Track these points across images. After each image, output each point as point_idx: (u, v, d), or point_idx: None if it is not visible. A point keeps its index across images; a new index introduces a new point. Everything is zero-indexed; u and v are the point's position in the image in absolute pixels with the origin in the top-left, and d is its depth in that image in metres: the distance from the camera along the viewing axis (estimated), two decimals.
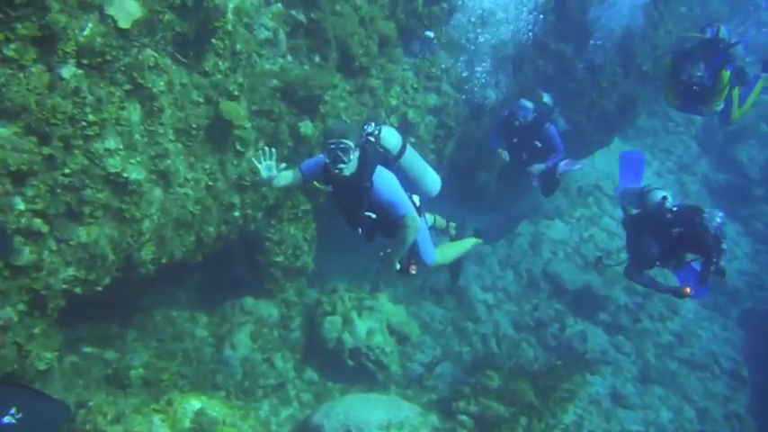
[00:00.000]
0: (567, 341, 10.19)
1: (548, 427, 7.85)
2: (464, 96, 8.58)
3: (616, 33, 9.68)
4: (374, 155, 4.54)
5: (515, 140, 7.76)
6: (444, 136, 8.66)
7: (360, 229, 4.82)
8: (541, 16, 8.66)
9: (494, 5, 8.11)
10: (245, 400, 6.88)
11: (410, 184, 4.99)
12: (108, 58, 4.74)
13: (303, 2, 6.53)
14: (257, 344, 7.48)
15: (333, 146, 4.30)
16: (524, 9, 8.39)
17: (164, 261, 5.92)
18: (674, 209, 6.12)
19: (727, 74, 6.60)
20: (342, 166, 4.34)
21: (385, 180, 4.50)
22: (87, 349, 6.12)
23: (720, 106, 6.84)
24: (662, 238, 6.08)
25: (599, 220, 12.64)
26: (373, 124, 4.75)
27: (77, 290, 5.02)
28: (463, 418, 7.55)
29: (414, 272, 4.99)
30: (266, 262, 7.87)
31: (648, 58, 10.58)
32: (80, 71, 4.57)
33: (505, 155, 7.91)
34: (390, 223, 4.63)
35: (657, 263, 6.31)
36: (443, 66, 8.20)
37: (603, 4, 9.50)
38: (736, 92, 7.03)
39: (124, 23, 4.67)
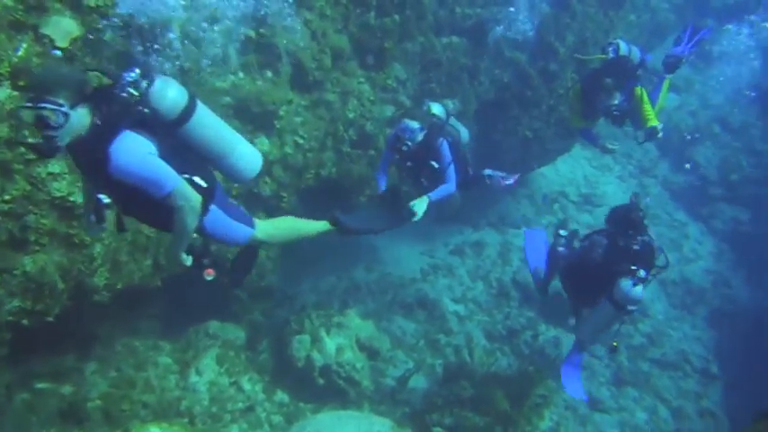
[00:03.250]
0: (541, 348, 10.18)
1: None
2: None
3: (569, 40, 9.84)
4: (118, 114, 3.20)
5: (409, 164, 6.65)
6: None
7: (92, 217, 3.43)
8: None
9: None
10: (212, 425, 6.68)
11: (208, 161, 3.76)
12: None
13: (252, 17, 6.49)
14: (224, 368, 7.29)
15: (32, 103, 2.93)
16: None
17: (119, 287, 5.75)
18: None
19: (639, 90, 6.55)
20: (51, 133, 2.96)
21: (128, 148, 3.15)
22: (41, 385, 5.86)
23: (654, 122, 6.59)
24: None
25: (566, 227, 12.72)
26: (137, 70, 3.36)
27: (24, 322, 4.83)
28: (437, 429, 7.44)
29: (210, 277, 3.86)
30: (230, 283, 7.70)
31: None
32: (15, 93, 4.44)
33: (382, 184, 6.75)
34: (152, 207, 3.39)
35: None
36: (399, 77, 8.22)
37: None
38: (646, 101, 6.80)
39: (62, 42, 4.56)
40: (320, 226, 4.54)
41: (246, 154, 3.83)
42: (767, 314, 11.93)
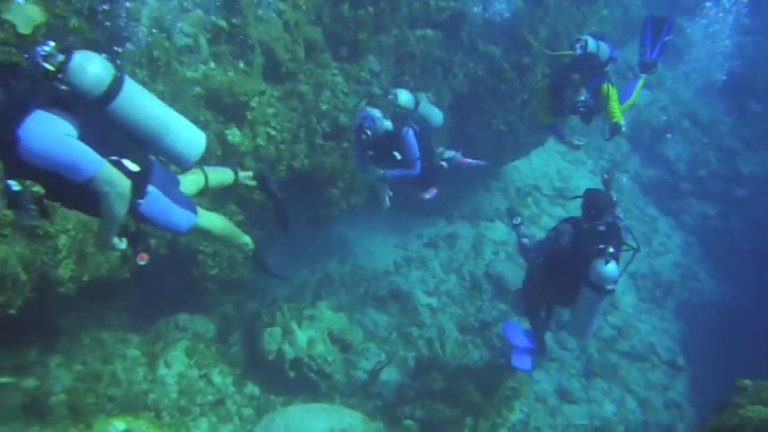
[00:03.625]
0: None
1: (494, 426, 7.86)
2: None
3: (542, 34, 9.89)
4: (29, 92, 2.92)
5: (371, 154, 6.52)
6: None
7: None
8: None
9: None
10: (180, 418, 6.62)
11: (141, 143, 3.47)
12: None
13: (224, 7, 6.40)
14: (193, 360, 7.23)
15: None
16: None
17: (85, 279, 5.65)
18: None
19: (606, 86, 6.59)
20: None
21: (40, 129, 2.87)
22: (2, 379, 5.74)
23: (620, 118, 6.62)
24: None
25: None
26: (51, 43, 3.09)
27: None
28: (409, 422, 7.48)
29: (143, 261, 3.61)
30: (200, 276, 7.64)
31: None
32: None
33: (379, 172, 6.59)
34: (76, 192, 3.12)
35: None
36: (373, 69, 8.18)
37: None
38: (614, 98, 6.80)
39: (25, 29, 4.44)
40: (245, 239, 4.34)
41: (184, 135, 3.56)
42: (733, 306, 12.22)
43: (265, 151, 7.19)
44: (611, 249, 5.30)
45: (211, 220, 3.96)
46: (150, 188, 3.40)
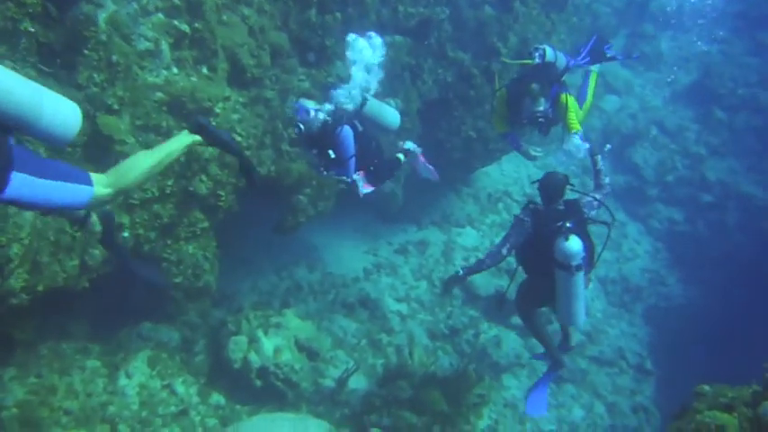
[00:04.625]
0: (482, 346, 10.27)
1: None
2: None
3: (512, 41, 9.93)
4: None
5: (314, 152, 6.19)
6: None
7: None
8: None
9: None
10: (142, 430, 6.48)
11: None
12: None
13: (187, 11, 6.29)
14: (156, 370, 7.08)
15: None
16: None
17: (40, 289, 5.48)
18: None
19: (565, 96, 6.49)
20: None
21: None
22: None
23: (578, 128, 6.49)
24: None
25: (509, 226, 12.88)
26: None
27: None
28: (375, 431, 7.41)
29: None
30: (164, 284, 7.49)
31: None
32: None
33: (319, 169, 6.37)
34: None
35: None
36: (340, 75, 8.12)
37: None
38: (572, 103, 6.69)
39: None
40: (177, 142, 3.58)
41: (51, 112, 3.06)
42: (700, 311, 12.40)
43: (231, 158, 7.07)
44: (568, 224, 5.25)
45: (113, 180, 3.34)
46: (14, 175, 2.98)
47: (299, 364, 7.90)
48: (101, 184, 3.26)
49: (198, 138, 3.62)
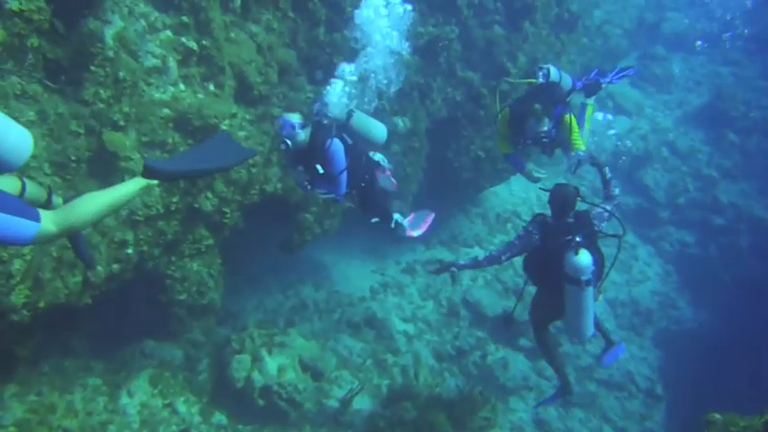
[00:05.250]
0: (489, 369, 10.12)
1: None
2: None
3: (521, 61, 9.90)
4: None
5: (301, 169, 5.78)
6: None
7: None
8: None
9: None
10: None
11: None
12: None
13: (195, 28, 6.30)
14: (157, 389, 7.03)
15: None
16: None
17: (41, 305, 5.44)
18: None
19: (569, 117, 6.38)
20: None
21: None
22: None
23: (582, 148, 6.39)
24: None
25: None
26: None
27: None
28: None
29: None
30: (168, 301, 7.46)
31: None
32: None
33: (304, 186, 5.89)
34: None
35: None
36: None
37: None
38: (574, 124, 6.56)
39: None
40: (132, 185, 3.47)
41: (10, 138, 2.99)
42: (712, 335, 12.18)
43: (237, 174, 7.06)
44: (577, 238, 5.16)
45: (62, 219, 3.25)
46: None
47: (302, 383, 7.80)
48: (48, 221, 3.17)
49: (153, 181, 3.51)
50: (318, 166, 5.60)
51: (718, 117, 15.68)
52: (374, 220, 6.67)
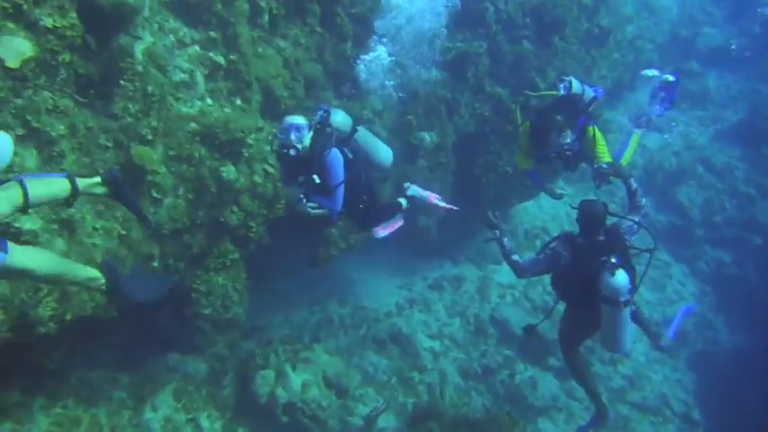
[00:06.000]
0: (517, 388, 9.91)
1: None
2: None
3: (550, 76, 9.79)
4: None
5: (301, 179, 5.16)
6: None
7: None
8: None
9: None
10: None
11: None
12: None
13: (223, 44, 6.36)
14: (181, 403, 7.02)
15: None
16: None
17: (68, 318, 5.47)
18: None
19: (592, 129, 6.19)
20: None
21: None
22: None
23: (607, 159, 6.20)
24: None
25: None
26: None
27: None
28: None
29: None
30: (193, 314, 7.45)
31: None
32: None
33: (298, 196, 5.22)
34: None
35: None
36: (375, 108, 8.10)
37: None
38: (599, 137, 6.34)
39: (12, 63, 4.39)
40: (88, 272, 3.63)
41: None
42: (750, 358, 11.74)
43: (263, 189, 7.06)
44: (613, 259, 5.00)
45: (32, 257, 3.32)
46: None
47: (326, 400, 7.72)
48: (15, 254, 3.18)
49: (101, 280, 3.68)
50: (315, 177, 5.05)
51: (755, 133, 15.25)
52: (381, 235, 6.14)
